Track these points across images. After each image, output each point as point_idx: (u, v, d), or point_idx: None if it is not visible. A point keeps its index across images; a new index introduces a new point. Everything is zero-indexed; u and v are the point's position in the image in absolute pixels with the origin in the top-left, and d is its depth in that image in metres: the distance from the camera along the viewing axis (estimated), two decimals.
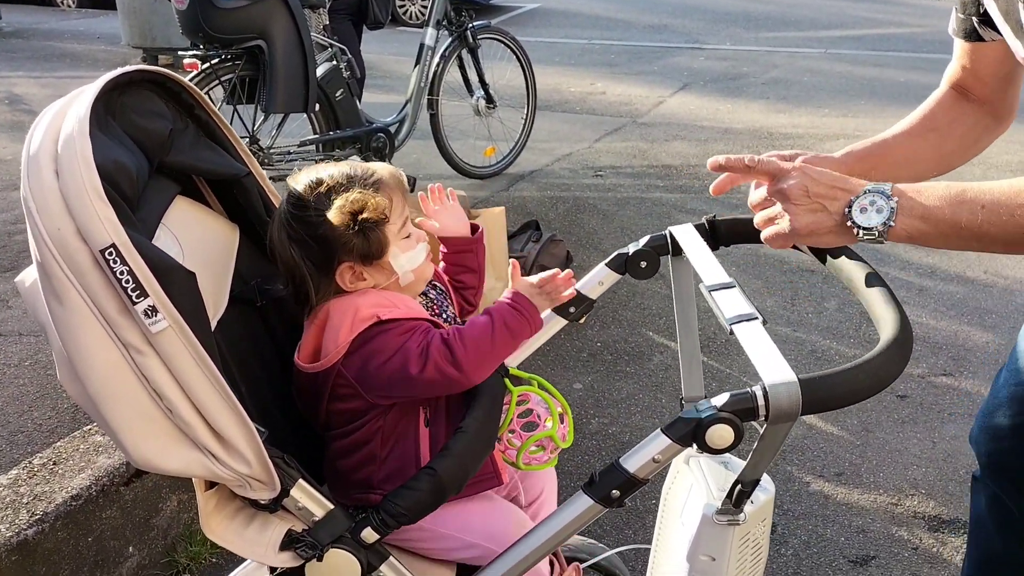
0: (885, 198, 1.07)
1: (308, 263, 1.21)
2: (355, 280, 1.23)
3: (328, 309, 1.22)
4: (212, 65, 3.39)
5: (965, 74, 1.38)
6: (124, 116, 1.13)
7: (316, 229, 1.19)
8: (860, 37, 8.46)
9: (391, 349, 1.17)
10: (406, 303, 1.25)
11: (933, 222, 1.07)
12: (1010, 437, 1.51)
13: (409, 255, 1.24)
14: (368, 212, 1.18)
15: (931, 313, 3.26)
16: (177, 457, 1.01)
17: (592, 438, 2.58)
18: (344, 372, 1.19)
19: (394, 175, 1.26)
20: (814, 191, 1.08)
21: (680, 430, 1.04)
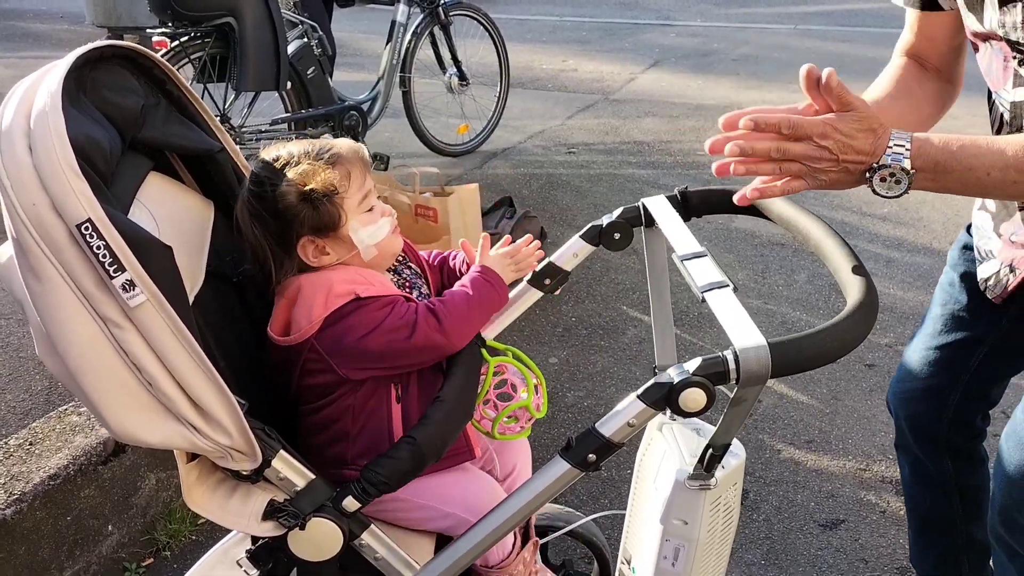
0: (906, 174, 1.08)
1: (269, 239, 1.23)
2: (318, 254, 1.24)
3: (299, 283, 1.23)
4: (181, 43, 3.34)
5: (919, 42, 1.41)
6: (95, 92, 1.12)
7: (272, 204, 1.21)
8: (829, 13, 8.51)
9: (370, 323, 1.19)
10: (380, 280, 1.26)
11: (942, 186, 1.11)
12: (923, 399, 1.57)
13: (370, 229, 1.25)
14: (316, 184, 1.20)
15: (898, 284, 3.33)
16: (158, 430, 1.02)
17: (568, 411, 2.62)
18: (317, 347, 1.20)
19: (353, 149, 1.27)
20: (844, 158, 1.07)
21: (654, 394, 1.07)
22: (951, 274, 1.52)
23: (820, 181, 1.10)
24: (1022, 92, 1.21)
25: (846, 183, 1.11)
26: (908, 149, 1.07)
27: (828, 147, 1.06)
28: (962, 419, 1.57)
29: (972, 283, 1.46)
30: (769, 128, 1.07)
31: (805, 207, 1.31)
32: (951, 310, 1.51)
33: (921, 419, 1.61)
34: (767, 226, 1.25)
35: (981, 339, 1.48)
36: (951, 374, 1.53)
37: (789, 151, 1.07)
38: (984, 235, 1.41)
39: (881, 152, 1.07)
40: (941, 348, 1.53)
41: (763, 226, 3.62)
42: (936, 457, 1.63)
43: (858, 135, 1.06)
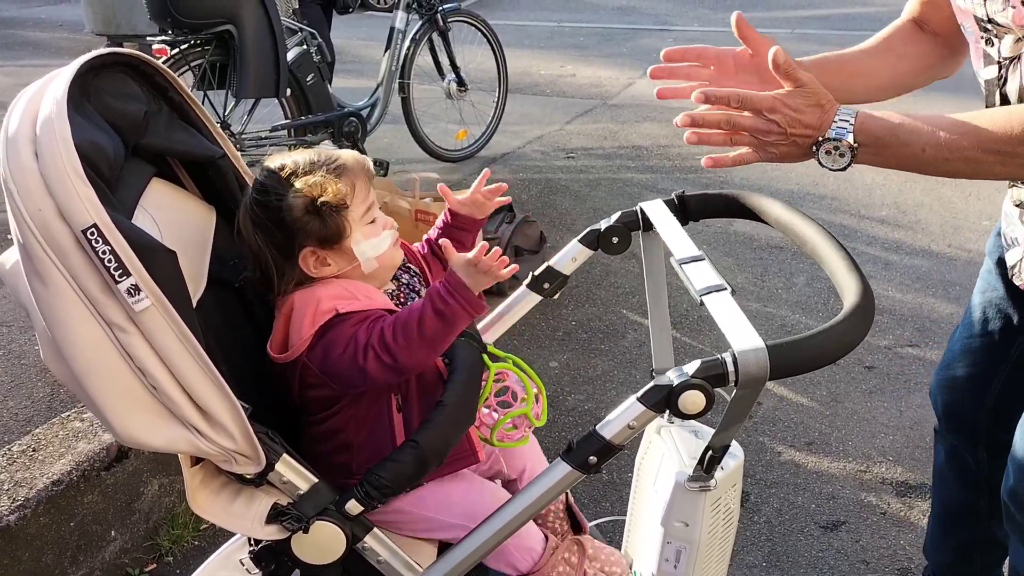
0: (849, 148, 1.12)
1: (272, 248, 1.23)
2: (319, 265, 1.25)
3: (293, 300, 1.24)
4: (181, 50, 3.35)
5: (924, 8, 1.43)
6: (99, 98, 1.14)
7: (277, 213, 1.21)
8: (826, 17, 8.54)
9: (345, 339, 1.19)
10: (367, 293, 1.26)
11: (883, 160, 1.15)
12: (963, 388, 1.57)
13: (372, 242, 1.26)
14: (327, 196, 1.20)
15: (897, 286, 3.34)
16: (163, 433, 1.03)
17: (568, 414, 2.62)
18: (309, 364, 1.21)
19: (359, 161, 1.27)
20: (792, 132, 1.12)
21: (654, 397, 1.08)
22: (988, 262, 1.52)
23: (770, 154, 1.14)
24: (991, 70, 1.24)
25: (795, 156, 1.15)
26: (852, 124, 1.11)
27: (777, 120, 1.11)
28: (1003, 409, 1.55)
29: (1005, 269, 1.45)
30: (719, 101, 1.11)
31: (802, 210, 1.32)
32: (990, 297, 1.50)
33: (961, 408, 1.60)
34: (766, 229, 1.27)
35: (1021, 328, 1.47)
36: (991, 363, 1.52)
37: (739, 123, 1.12)
38: (1011, 222, 1.40)
39: (827, 126, 1.12)
40: (982, 336, 1.52)
41: (762, 229, 3.63)
42: (972, 448, 1.62)
43: (806, 110, 1.11)
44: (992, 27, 1.20)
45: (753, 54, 1.29)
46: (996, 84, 1.23)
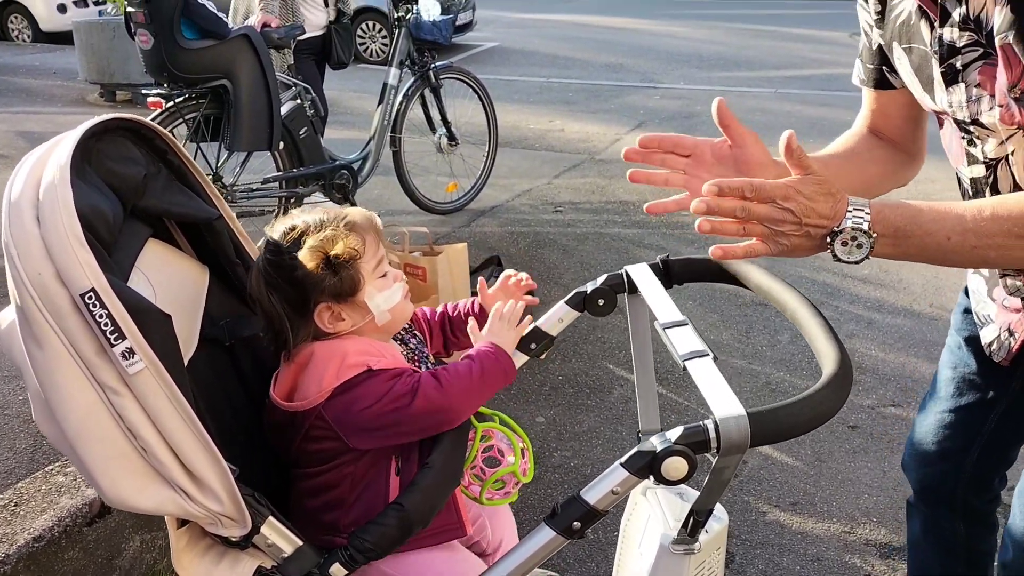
0: (866, 236, 1.08)
1: (286, 307, 1.24)
2: (334, 320, 1.27)
3: (312, 350, 1.25)
4: (176, 104, 3.42)
5: (876, 118, 1.46)
6: (100, 162, 1.16)
7: (291, 272, 1.23)
8: (807, 77, 8.76)
9: (378, 394, 1.20)
10: (392, 353, 1.29)
11: (902, 251, 1.11)
12: (939, 461, 1.59)
13: (385, 294, 1.28)
14: (339, 250, 1.23)
15: (879, 345, 3.38)
16: (151, 495, 1.04)
17: (555, 471, 2.62)
18: (324, 415, 1.22)
19: (367, 217, 1.31)
20: (807, 221, 1.07)
21: (637, 463, 1.10)
22: (956, 337, 1.53)
23: (782, 245, 1.10)
24: (978, 169, 1.25)
25: (807, 248, 1.10)
26: (868, 213, 1.08)
27: (792, 209, 1.06)
28: (979, 481, 1.57)
29: (978, 346, 1.46)
30: (732, 192, 1.07)
31: (786, 272, 1.35)
32: (962, 373, 1.52)
33: (936, 481, 1.61)
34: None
35: (994, 401, 1.49)
36: (966, 436, 1.54)
37: (754, 211, 1.07)
38: (980, 299, 1.43)
39: (841, 216, 1.07)
40: (955, 411, 1.53)
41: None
42: (950, 519, 1.63)
43: (819, 198, 1.07)
44: (975, 128, 1.22)
45: (732, 144, 1.27)
46: (985, 183, 1.24)
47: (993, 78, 1.14)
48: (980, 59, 1.15)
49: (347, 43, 4.47)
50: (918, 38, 1.25)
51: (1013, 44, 1.08)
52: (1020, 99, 1.12)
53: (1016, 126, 1.15)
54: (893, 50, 1.32)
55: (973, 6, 1.13)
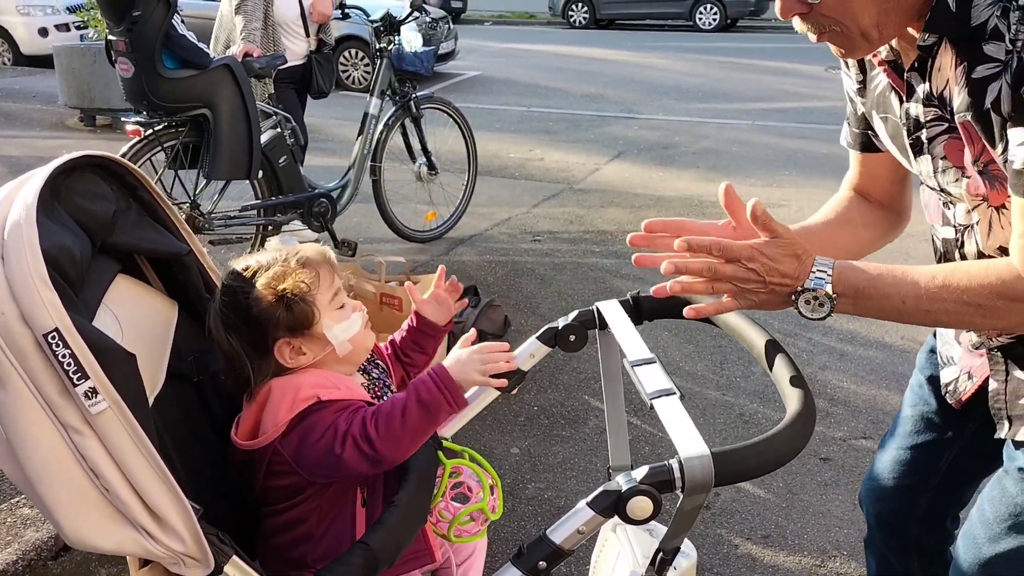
0: (828, 299, 1.14)
1: (245, 345, 1.25)
2: (295, 355, 1.28)
3: (270, 387, 1.26)
4: (155, 131, 3.41)
5: (864, 180, 1.51)
6: (69, 199, 1.16)
7: (246, 311, 1.25)
8: (785, 110, 8.90)
9: (324, 426, 1.21)
10: (347, 384, 1.29)
11: (863, 311, 1.17)
12: (894, 497, 1.61)
13: (343, 325, 1.29)
14: (288, 284, 1.24)
15: (851, 378, 3.41)
16: (113, 536, 1.03)
17: (528, 503, 2.62)
18: (281, 450, 1.22)
19: (320, 252, 1.33)
20: (770, 280, 1.14)
21: (602, 503, 1.10)
22: (919, 376, 1.57)
23: (750, 301, 1.16)
24: (949, 231, 1.30)
25: (774, 304, 1.17)
26: (830, 275, 1.14)
27: (756, 269, 1.13)
28: (933, 519, 1.60)
29: (937, 386, 1.50)
30: (701, 249, 1.13)
31: None
32: (921, 411, 1.55)
33: (891, 517, 1.64)
34: None
35: (950, 442, 1.52)
36: (922, 475, 1.57)
37: (720, 271, 1.14)
38: (946, 341, 1.46)
39: (805, 276, 1.14)
40: (912, 448, 1.57)
41: None
42: (904, 556, 1.65)
43: (783, 259, 1.13)
44: (943, 195, 1.27)
45: (736, 227, 1.30)
46: (954, 244, 1.29)
47: (959, 151, 1.18)
48: (945, 133, 1.20)
49: (328, 72, 4.50)
50: (891, 109, 1.30)
51: (972, 122, 1.12)
52: (984, 172, 1.16)
53: (980, 197, 1.19)
54: (873, 119, 1.37)
55: (936, 84, 1.17)
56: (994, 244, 1.22)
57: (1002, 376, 1.32)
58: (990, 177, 1.16)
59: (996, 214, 1.19)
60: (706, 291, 1.17)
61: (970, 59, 1.09)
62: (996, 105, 1.07)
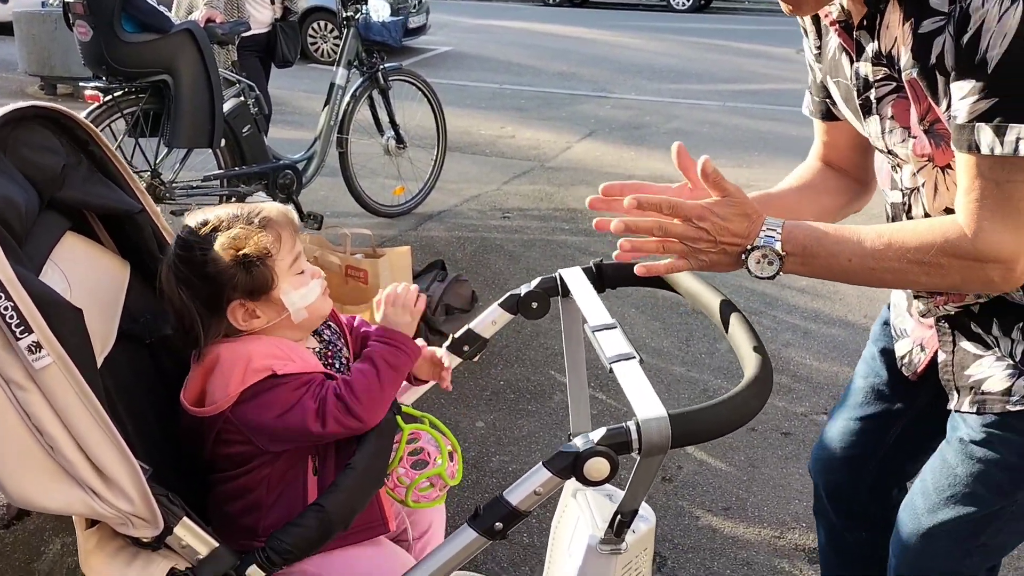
0: (776, 255, 1.15)
1: (197, 303, 1.22)
2: (248, 318, 1.25)
3: (218, 353, 1.23)
4: (115, 97, 3.33)
5: (827, 150, 1.51)
6: (15, 151, 1.13)
7: (202, 268, 1.21)
8: (756, 92, 8.93)
9: (286, 403, 1.19)
10: (301, 355, 1.26)
11: (811, 270, 1.19)
12: (842, 468, 1.63)
13: (301, 292, 1.27)
14: (250, 248, 1.21)
15: (814, 355, 3.45)
16: (58, 495, 1.00)
17: (493, 475, 2.62)
18: (232, 419, 1.20)
19: (283, 213, 1.29)
20: (721, 240, 1.15)
21: (559, 463, 1.10)
22: (872, 348, 1.59)
23: (701, 261, 1.17)
24: (896, 195, 1.31)
25: (725, 264, 1.18)
26: (779, 233, 1.15)
27: (706, 228, 1.14)
28: (880, 490, 1.62)
29: (891, 358, 1.52)
30: (651, 207, 1.14)
31: (726, 281, 1.37)
32: (871, 383, 1.57)
33: (839, 488, 1.66)
34: None
35: (899, 414, 1.54)
36: (870, 446, 1.58)
37: (669, 230, 1.15)
38: (899, 313, 1.48)
39: (755, 235, 1.15)
40: (861, 420, 1.58)
41: None
42: (852, 525, 1.68)
43: (733, 219, 1.14)
44: (891, 157, 1.27)
45: (692, 187, 1.31)
46: (901, 208, 1.30)
47: (904, 111, 1.19)
48: (893, 93, 1.20)
49: (293, 41, 4.42)
50: (841, 72, 1.30)
51: (918, 79, 1.12)
52: (929, 131, 1.17)
53: (925, 158, 1.20)
54: (828, 83, 1.37)
55: (884, 43, 1.17)
56: (940, 206, 1.23)
57: (949, 348, 1.34)
58: (936, 136, 1.16)
59: (941, 174, 1.20)
60: (656, 250, 1.17)
61: (917, 14, 1.09)
62: (940, 60, 1.08)
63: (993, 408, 1.28)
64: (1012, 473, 1.30)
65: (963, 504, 1.33)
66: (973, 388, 1.30)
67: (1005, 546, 1.41)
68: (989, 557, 1.42)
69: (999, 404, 1.27)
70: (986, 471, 1.30)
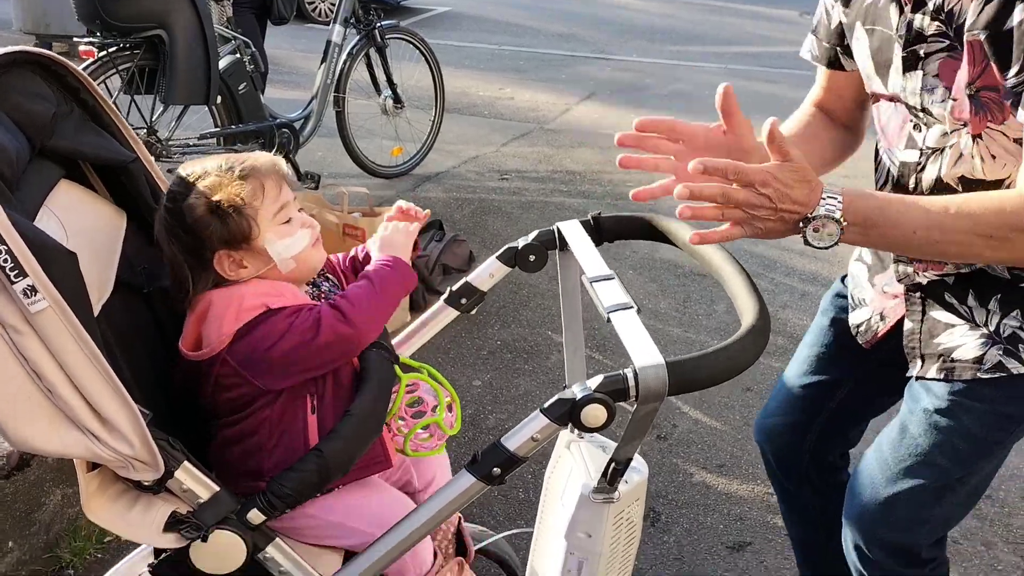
0: (836, 224, 1.11)
1: (185, 254, 1.23)
2: (235, 268, 1.24)
3: (210, 298, 1.23)
4: (109, 53, 3.29)
5: (828, 97, 1.49)
6: (5, 97, 1.12)
7: (184, 218, 1.21)
8: (757, 54, 8.84)
9: (279, 331, 1.19)
10: (292, 292, 1.27)
11: (870, 240, 1.17)
12: (785, 434, 1.65)
13: (287, 242, 1.25)
14: (222, 195, 1.20)
15: (812, 316, 3.41)
16: (57, 438, 1.01)
17: (489, 433, 2.64)
18: (229, 360, 1.20)
19: (270, 161, 1.28)
20: (781, 207, 1.10)
21: (557, 410, 1.11)
22: (822, 319, 1.60)
23: (757, 229, 1.13)
24: (912, 154, 1.28)
25: (780, 232, 1.14)
26: (840, 202, 1.11)
27: (768, 195, 1.09)
28: (820, 456, 1.65)
29: (840, 327, 1.54)
30: (716, 173, 1.09)
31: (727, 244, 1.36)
32: (816, 352, 1.59)
33: (782, 453, 1.69)
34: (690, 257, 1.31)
35: (841, 381, 1.57)
36: (811, 412, 1.61)
37: (733, 197, 1.10)
38: (859, 284, 1.49)
39: (815, 204, 1.11)
40: (804, 387, 1.60)
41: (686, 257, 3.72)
42: (799, 488, 1.71)
43: (795, 185, 1.10)
44: (923, 115, 1.24)
45: (727, 131, 1.28)
46: (914, 168, 1.28)
47: (952, 71, 1.16)
48: (944, 51, 1.18)
49: None
50: (883, 21, 1.27)
51: (984, 43, 1.10)
52: (974, 96, 1.15)
53: (961, 122, 1.18)
54: (854, 30, 1.34)
55: None
56: (957, 173, 1.22)
57: (918, 316, 1.34)
58: (978, 103, 1.15)
59: (971, 142, 1.19)
60: (715, 218, 1.12)
61: None
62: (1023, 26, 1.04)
63: (963, 375, 1.28)
64: (974, 443, 1.31)
65: (923, 474, 1.34)
66: (942, 356, 1.31)
67: (955, 516, 1.43)
68: (941, 527, 1.44)
69: (969, 371, 1.28)
70: (949, 441, 1.31)
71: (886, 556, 1.42)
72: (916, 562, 1.44)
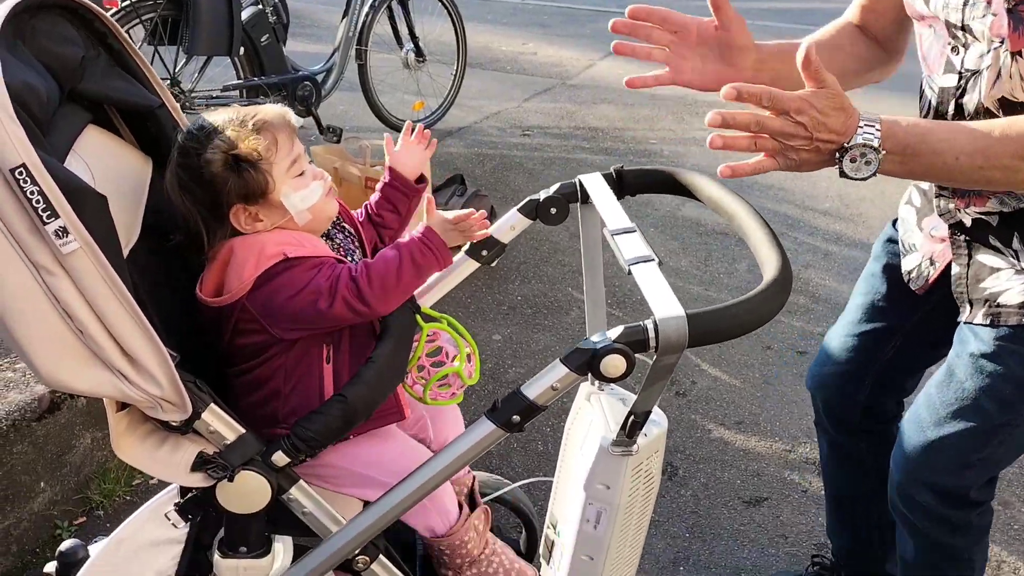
0: (875, 153, 1.08)
1: (200, 208, 1.23)
2: (251, 221, 1.25)
3: (232, 246, 1.24)
4: (133, 3, 3.29)
5: (865, 14, 1.46)
6: (34, 40, 1.12)
7: (198, 173, 1.21)
8: (784, 11, 8.66)
9: (298, 284, 1.20)
10: (312, 242, 1.27)
11: (909, 169, 1.12)
12: (838, 384, 1.64)
13: (302, 193, 1.26)
14: (240, 150, 1.21)
15: (834, 276, 3.44)
16: (87, 377, 1.03)
17: (508, 386, 2.66)
18: (248, 307, 1.22)
19: (280, 115, 1.27)
20: (817, 136, 1.07)
21: (577, 360, 1.12)
22: (874, 265, 1.58)
23: (790, 160, 1.09)
24: (951, 78, 1.24)
25: (815, 163, 1.10)
26: (879, 130, 1.08)
27: (804, 123, 1.06)
28: (875, 405, 1.64)
29: (893, 274, 1.51)
30: (751, 99, 1.06)
31: (748, 198, 1.35)
32: (871, 299, 1.57)
33: (836, 403, 1.68)
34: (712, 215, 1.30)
35: (896, 329, 1.54)
36: (866, 361, 1.59)
37: (767, 125, 1.07)
38: (908, 229, 1.46)
39: (852, 132, 1.07)
40: (859, 336, 1.59)
41: (708, 215, 3.69)
42: (851, 438, 1.70)
43: (832, 113, 1.06)
44: (963, 35, 1.21)
45: (719, 27, 1.25)
46: (952, 94, 1.24)
47: None
48: None
49: None
50: None
51: None
52: (1012, 11, 1.11)
53: (999, 39, 1.15)
54: None
55: None
56: (997, 94, 1.18)
57: (964, 260, 1.32)
58: (1017, 18, 1.11)
59: (1010, 60, 1.15)
60: (748, 148, 1.09)
61: None
62: None
63: (1008, 320, 1.28)
64: (1019, 388, 1.30)
65: (969, 418, 1.34)
66: (988, 301, 1.29)
67: (1004, 460, 1.43)
68: (989, 470, 1.44)
69: (1015, 317, 1.27)
70: (994, 385, 1.30)
71: (934, 499, 1.42)
72: (965, 503, 1.43)
